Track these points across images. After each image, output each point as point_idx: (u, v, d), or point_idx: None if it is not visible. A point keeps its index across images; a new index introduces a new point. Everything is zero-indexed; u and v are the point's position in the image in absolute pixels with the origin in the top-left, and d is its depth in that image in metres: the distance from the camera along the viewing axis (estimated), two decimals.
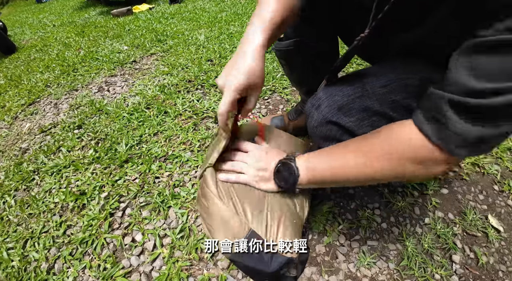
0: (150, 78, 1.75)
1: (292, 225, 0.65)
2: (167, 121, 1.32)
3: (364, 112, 0.61)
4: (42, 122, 1.50)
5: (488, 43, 0.37)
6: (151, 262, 0.82)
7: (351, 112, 0.61)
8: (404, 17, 0.56)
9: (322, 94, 0.65)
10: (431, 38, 0.56)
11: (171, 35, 2.42)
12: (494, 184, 1.01)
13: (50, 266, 0.84)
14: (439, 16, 0.50)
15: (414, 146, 0.47)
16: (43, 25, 3.77)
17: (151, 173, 1.07)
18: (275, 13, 0.56)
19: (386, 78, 0.61)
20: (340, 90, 0.63)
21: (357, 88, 0.62)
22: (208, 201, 0.64)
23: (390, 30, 0.62)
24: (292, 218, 0.66)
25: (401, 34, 0.61)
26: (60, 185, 1.08)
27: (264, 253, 0.60)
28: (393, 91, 0.59)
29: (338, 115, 0.62)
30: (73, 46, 2.50)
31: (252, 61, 0.53)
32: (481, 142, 0.41)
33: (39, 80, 1.95)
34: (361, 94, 0.61)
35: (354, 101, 0.61)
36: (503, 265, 0.80)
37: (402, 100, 0.59)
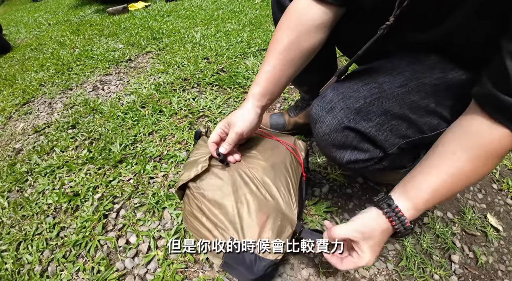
0: (145, 77, 1.73)
1: (276, 227, 0.64)
2: (162, 120, 1.31)
3: (384, 115, 0.57)
4: (36, 122, 1.48)
5: None
6: (146, 264, 0.80)
7: (370, 116, 0.56)
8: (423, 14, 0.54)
9: (332, 96, 0.60)
10: (449, 39, 0.53)
11: (167, 33, 2.40)
12: (492, 183, 1.00)
13: (44, 268, 0.82)
14: (459, 16, 0.48)
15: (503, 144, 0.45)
16: (38, 24, 3.73)
17: (145, 173, 1.05)
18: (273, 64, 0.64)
19: (403, 76, 0.57)
20: (354, 91, 0.58)
21: (373, 89, 0.57)
22: (191, 220, 0.69)
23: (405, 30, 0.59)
24: (277, 219, 0.65)
25: (417, 35, 0.58)
26: (53, 186, 1.06)
27: (247, 259, 0.60)
28: (411, 91, 0.56)
29: (356, 120, 0.57)
30: (68, 45, 2.47)
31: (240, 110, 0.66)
32: None
33: (34, 79, 1.93)
34: (379, 95, 0.56)
35: (372, 103, 0.56)
36: (502, 265, 0.80)
37: (420, 100, 0.56)
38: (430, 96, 0.55)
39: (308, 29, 0.61)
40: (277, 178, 0.71)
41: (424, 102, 0.56)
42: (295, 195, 0.71)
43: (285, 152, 0.79)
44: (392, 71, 0.58)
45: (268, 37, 2.06)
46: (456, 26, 0.49)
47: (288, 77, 0.66)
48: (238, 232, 0.62)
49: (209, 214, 0.65)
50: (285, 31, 0.63)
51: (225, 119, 0.68)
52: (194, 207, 0.68)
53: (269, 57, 0.64)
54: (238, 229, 0.62)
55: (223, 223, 0.64)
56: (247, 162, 0.72)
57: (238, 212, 0.64)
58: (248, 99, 0.66)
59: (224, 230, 0.63)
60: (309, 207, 0.90)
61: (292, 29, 0.62)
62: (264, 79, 0.64)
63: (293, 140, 0.83)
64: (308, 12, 0.61)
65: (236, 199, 0.65)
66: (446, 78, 0.55)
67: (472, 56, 0.51)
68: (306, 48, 0.63)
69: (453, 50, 0.55)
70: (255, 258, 0.60)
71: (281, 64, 0.63)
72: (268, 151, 0.76)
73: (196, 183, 0.69)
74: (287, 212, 0.67)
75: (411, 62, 0.59)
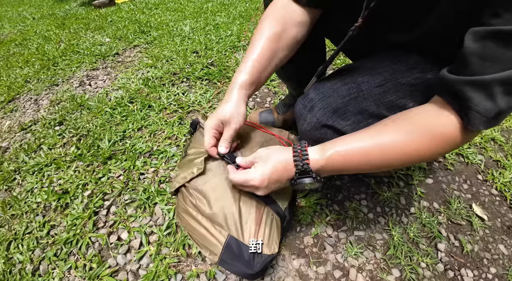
0: (133, 71, 1.70)
1: (270, 222, 0.65)
2: (152, 116, 1.30)
3: (360, 114, 0.59)
4: (22, 119, 1.45)
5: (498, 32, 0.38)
6: (138, 260, 0.81)
7: (346, 115, 0.59)
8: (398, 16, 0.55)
9: (314, 95, 0.62)
10: (426, 39, 0.55)
11: (155, 26, 2.36)
12: (478, 174, 1.02)
13: (35, 267, 0.82)
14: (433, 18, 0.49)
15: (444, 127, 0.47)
16: (22, 18, 3.62)
17: (135, 169, 1.05)
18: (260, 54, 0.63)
19: (382, 76, 0.59)
20: (333, 91, 0.60)
21: (352, 89, 0.59)
22: (185, 216, 0.69)
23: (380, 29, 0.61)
24: (269, 213, 0.66)
25: (395, 36, 0.60)
26: (42, 184, 1.04)
27: (246, 255, 0.61)
28: (388, 91, 0.57)
29: (333, 118, 0.59)
30: (53, 39, 2.41)
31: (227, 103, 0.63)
32: (499, 115, 0.42)
33: (19, 75, 1.88)
34: (356, 95, 0.58)
35: (349, 103, 0.58)
36: (487, 253, 0.82)
37: (397, 100, 0.58)
38: (408, 96, 0.57)
39: (292, 23, 0.63)
40: None
41: (401, 102, 0.57)
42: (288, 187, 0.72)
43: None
44: (371, 71, 0.60)
45: None
46: (431, 27, 0.51)
47: (273, 66, 0.66)
48: (237, 229, 0.63)
49: (203, 208, 0.66)
50: (271, 22, 0.64)
51: (214, 117, 0.65)
52: (188, 204, 0.69)
53: (256, 45, 0.64)
54: (238, 227, 0.63)
55: (221, 220, 0.64)
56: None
57: (235, 209, 0.64)
58: (235, 89, 0.64)
59: (222, 227, 0.64)
60: (300, 199, 0.91)
61: (278, 21, 0.63)
62: (251, 67, 0.63)
63: (287, 135, 0.84)
64: (291, 8, 0.63)
65: (233, 196, 0.66)
66: (424, 78, 0.57)
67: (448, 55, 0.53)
68: (290, 40, 0.65)
69: (431, 50, 0.57)
70: (254, 254, 0.61)
71: (268, 53, 0.64)
72: (263, 144, 0.76)
73: (189, 183, 0.70)
74: (280, 204, 0.69)
75: (392, 62, 0.60)
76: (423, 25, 0.52)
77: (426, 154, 0.49)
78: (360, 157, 0.51)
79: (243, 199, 0.66)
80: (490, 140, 1.15)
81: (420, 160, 0.50)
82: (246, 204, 0.65)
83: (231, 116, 0.63)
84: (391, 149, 0.49)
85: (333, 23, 0.71)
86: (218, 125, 0.65)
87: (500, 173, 1.02)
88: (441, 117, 0.47)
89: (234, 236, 0.62)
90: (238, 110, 0.64)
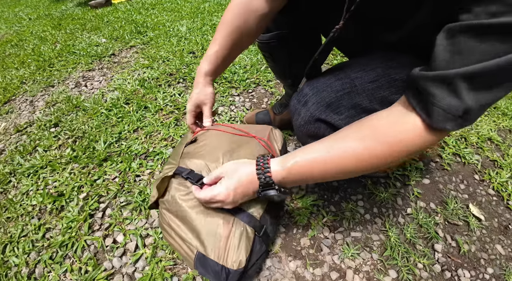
0: (129, 72, 1.69)
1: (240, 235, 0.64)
2: (148, 117, 1.29)
3: (354, 109, 0.59)
4: (17, 121, 1.44)
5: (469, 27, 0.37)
6: (134, 263, 0.80)
7: (340, 109, 0.59)
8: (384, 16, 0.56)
9: (308, 90, 0.63)
10: (414, 39, 0.56)
11: (151, 26, 2.35)
12: (474, 174, 1.02)
13: (31, 271, 0.81)
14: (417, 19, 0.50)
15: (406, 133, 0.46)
16: (18, 19, 3.60)
17: (131, 171, 1.04)
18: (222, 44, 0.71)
19: (375, 73, 0.59)
20: (327, 86, 0.61)
21: (345, 84, 0.60)
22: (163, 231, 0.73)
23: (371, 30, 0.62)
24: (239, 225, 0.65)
25: (384, 34, 0.61)
26: (37, 187, 1.04)
27: (214, 269, 0.62)
28: (381, 86, 0.58)
29: (327, 112, 0.60)
30: (49, 40, 2.40)
31: (197, 89, 0.77)
32: (467, 113, 0.40)
33: (14, 76, 1.87)
34: (350, 90, 0.59)
35: (343, 97, 0.59)
36: (484, 253, 0.82)
37: (390, 95, 0.58)
38: (400, 91, 0.57)
39: (253, 17, 0.68)
40: None
41: (394, 97, 0.57)
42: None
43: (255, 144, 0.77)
44: (365, 67, 0.61)
45: None
46: (416, 28, 0.52)
47: (234, 57, 0.79)
48: (204, 245, 0.63)
49: (176, 229, 0.68)
50: (234, 16, 0.69)
51: (191, 102, 0.79)
52: (164, 222, 0.70)
53: (219, 38, 0.71)
54: (204, 242, 0.64)
55: (189, 237, 0.66)
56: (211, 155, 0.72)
57: (203, 225, 0.65)
58: (201, 77, 0.76)
59: (190, 244, 0.65)
60: (296, 200, 0.91)
61: (240, 15, 0.68)
62: (215, 58, 0.73)
63: (268, 131, 0.83)
64: (253, 2, 0.67)
65: (201, 211, 0.66)
66: None
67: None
68: (250, 33, 0.72)
69: (419, 49, 0.57)
70: (221, 269, 0.61)
71: (229, 45, 0.72)
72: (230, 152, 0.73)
73: (163, 198, 0.71)
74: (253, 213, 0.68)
75: (386, 59, 0.61)
76: (411, 22, 0.53)
77: (388, 160, 0.48)
78: (319, 166, 0.51)
79: (210, 213, 0.65)
80: (487, 140, 1.15)
81: (382, 166, 0.49)
82: (213, 218, 0.65)
83: (205, 99, 0.78)
84: (347, 158, 0.49)
85: (322, 20, 0.73)
86: (195, 107, 0.80)
87: (497, 173, 1.01)
88: (404, 122, 0.46)
89: (201, 252, 0.63)
90: (206, 92, 0.78)
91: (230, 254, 0.62)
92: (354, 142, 0.49)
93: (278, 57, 0.91)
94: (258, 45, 0.90)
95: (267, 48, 0.88)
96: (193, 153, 0.75)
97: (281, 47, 0.85)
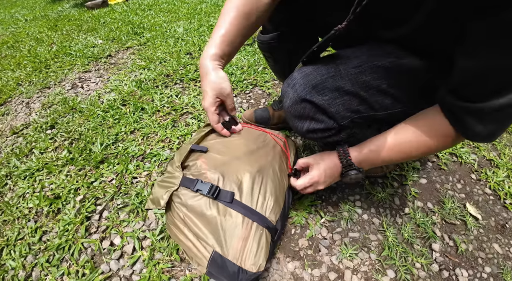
0: (126, 73, 1.69)
1: (259, 238, 0.64)
2: (145, 118, 1.28)
3: (337, 91, 0.63)
4: (13, 123, 1.43)
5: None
6: (131, 265, 0.80)
7: (324, 91, 0.63)
8: (386, 15, 0.59)
9: (296, 74, 0.67)
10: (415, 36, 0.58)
11: (148, 27, 2.35)
12: (471, 173, 1.03)
13: (28, 274, 0.81)
14: (419, 18, 0.52)
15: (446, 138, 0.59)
16: (15, 20, 3.59)
17: (128, 173, 1.04)
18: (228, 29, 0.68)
19: (359, 59, 0.63)
20: (314, 70, 0.65)
21: (330, 68, 0.64)
22: (173, 228, 0.70)
23: (371, 28, 0.65)
24: (258, 228, 0.65)
25: (384, 32, 0.63)
26: (33, 189, 1.03)
27: (231, 270, 0.61)
28: (364, 72, 0.62)
29: (312, 93, 0.63)
30: (45, 41, 2.39)
31: (209, 76, 0.68)
32: (491, 135, 0.53)
33: (10, 78, 1.86)
34: (334, 74, 0.63)
35: (327, 80, 0.63)
36: (482, 252, 0.82)
37: (372, 80, 0.62)
38: (382, 77, 0.62)
39: (257, 5, 0.68)
40: (262, 183, 0.71)
41: (376, 83, 0.62)
42: (280, 198, 0.73)
43: (274, 153, 0.80)
44: (351, 54, 0.65)
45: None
46: (417, 27, 0.54)
47: (240, 43, 0.72)
48: (221, 244, 0.63)
49: (191, 224, 0.66)
50: (240, 2, 0.67)
51: (209, 94, 0.70)
52: (176, 218, 0.68)
53: (224, 23, 0.68)
54: (222, 242, 0.63)
55: (205, 235, 0.64)
56: (232, 166, 0.72)
57: (221, 223, 0.64)
58: (209, 62, 0.69)
59: (206, 243, 0.64)
60: (294, 201, 0.91)
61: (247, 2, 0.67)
62: (221, 42, 0.68)
63: (285, 137, 0.87)
64: None
65: (218, 211, 0.66)
66: (398, 62, 0.61)
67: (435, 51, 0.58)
68: (255, 20, 0.70)
69: (419, 46, 0.60)
70: (238, 270, 0.61)
71: (236, 31, 0.69)
72: (259, 150, 0.76)
73: (178, 192, 0.69)
74: (270, 218, 0.68)
75: (371, 48, 0.65)
76: (409, 24, 0.55)
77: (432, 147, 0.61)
78: (387, 152, 0.65)
79: (229, 214, 0.65)
80: None
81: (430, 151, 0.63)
82: (232, 220, 0.65)
83: (223, 82, 0.70)
84: (407, 145, 0.63)
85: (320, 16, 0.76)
86: (215, 101, 0.72)
87: (493, 172, 1.02)
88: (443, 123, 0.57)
89: (218, 252, 0.63)
90: (220, 75, 0.69)
91: (249, 256, 0.62)
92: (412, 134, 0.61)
93: (278, 57, 0.93)
94: (259, 45, 0.91)
95: (267, 48, 0.90)
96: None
97: (281, 47, 0.87)
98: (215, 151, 0.76)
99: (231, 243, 0.62)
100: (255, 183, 0.70)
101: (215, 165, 0.72)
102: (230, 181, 0.69)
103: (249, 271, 0.61)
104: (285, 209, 0.76)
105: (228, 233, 0.63)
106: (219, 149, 0.76)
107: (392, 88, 0.63)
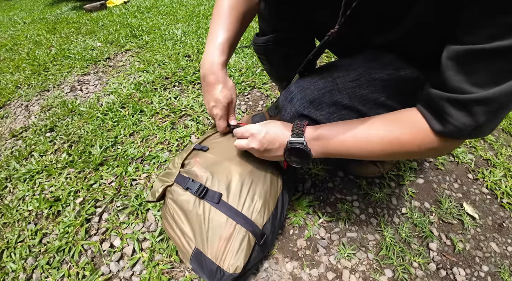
0: (125, 76, 1.69)
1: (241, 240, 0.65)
2: (143, 121, 1.29)
3: (334, 106, 0.62)
4: (13, 126, 1.44)
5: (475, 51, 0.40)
6: (131, 267, 0.80)
7: (321, 105, 0.63)
8: (377, 19, 0.58)
9: (294, 88, 0.66)
10: (405, 41, 0.58)
11: (147, 30, 2.36)
12: (468, 173, 1.03)
13: (28, 276, 0.81)
14: (409, 22, 0.52)
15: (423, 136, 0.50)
16: (13, 23, 3.59)
17: (127, 175, 1.04)
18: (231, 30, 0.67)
19: (356, 72, 0.62)
20: (311, 84, 0.64)
21: (327, 82, 0.63)
22: (165, 222, 0.72)
23: (364, 32, 0.64)
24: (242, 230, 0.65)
25: (377, 37, 0.63)
26: (33, 192, 1.04)
27: (209, 268, 0.63)
28: (361, 85, 0.61)
29: (309, 108, 0.63)
30: (44, 44, 2.39)
31: (219, 85, 0.67)
32: (479, 129, 0.45)
33: (9, 81, 1.86)
34: (331, 88, 0.62)
35: (324, 95, 0.62)
36: (479, 251, 0.83)
37: (370, 94, 0.61)
38: (380, 90, 0.60)
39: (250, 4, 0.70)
40: (252, 185, 0.71)
41: (374, 96, 0.61)
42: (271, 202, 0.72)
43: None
44: (348, 67, 0.64)
45: (250, 34, 2.05)
46: (408, 31, 0.54)
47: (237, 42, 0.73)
48: (203, 242, 0.64)
49: (178, 221, 0.68)
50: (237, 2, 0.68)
51: (220, 103, 0.69)
52: (168, 213, 0.71)
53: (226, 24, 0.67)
54: (204, 240, 0.64)
55: (189, 232, 0.66)
56: (223, 166, 0.72)
57: (205, 222, 0.65)
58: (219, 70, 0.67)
59: (190, 239, 0.65)
60: (292, 202, 0.92)
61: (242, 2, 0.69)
62: (228, 46, 0.68)
63: None
64: None
65: (204, 209, 0.67)
66: (396, 75, 0.60)
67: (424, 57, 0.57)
68: (249, 20, 0.73)
69: (409, 51, 0.60)
70: (217, 269, 0.62)
71: (238, 32, 0.70)
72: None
73: (171, 189, 0.71)
74: (257, 221, 0.68)
75: (368, 59, 0.64)
76: (399, 28, 0.55)
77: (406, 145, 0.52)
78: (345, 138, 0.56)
79: (214, 214, 0.66)
80: (480, 139, 1.16)
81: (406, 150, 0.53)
82: (216, 219, 0.65)
83: (232, 92, 0.70)
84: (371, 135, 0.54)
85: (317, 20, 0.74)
86: (226, 110, 0.72)
87: (490, 172, 1.03)
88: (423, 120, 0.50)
89: (200, 249, 0.64)
90: (230, 85, 0.69)
91: (228, 257, 0.63)
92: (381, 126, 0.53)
93: (274, 60, 0.92)
94: (254, 48, 0.90)
95: (263, 51, 0.88)
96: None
97: (277, 50, 0.86)
98: (212, 151, 0.76)
99: (213, 242, 0.63)
100: (244, 185, 0.69)
101: (206, 164, 0.72)
102: (218, 181, 0.69)
103: (226, 271, 0.62)
104: (277, 214, 0.74)
105: (211, 232, 0.64)
106: (215, 149, 0.77)
107: (391, 101, 0.61)
